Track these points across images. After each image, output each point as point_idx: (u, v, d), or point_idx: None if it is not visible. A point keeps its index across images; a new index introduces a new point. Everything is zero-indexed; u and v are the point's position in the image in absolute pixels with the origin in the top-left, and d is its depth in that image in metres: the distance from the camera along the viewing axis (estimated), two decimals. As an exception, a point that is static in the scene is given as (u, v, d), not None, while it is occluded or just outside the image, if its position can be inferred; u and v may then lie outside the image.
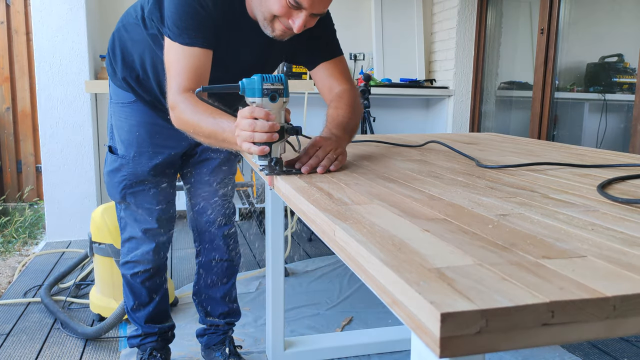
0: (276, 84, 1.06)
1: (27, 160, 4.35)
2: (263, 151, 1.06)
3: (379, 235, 0.66)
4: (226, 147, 1.19)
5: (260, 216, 3.74)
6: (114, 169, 1.62)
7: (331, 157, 1.15)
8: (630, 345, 2.17)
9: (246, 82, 1.07)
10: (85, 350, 2.08)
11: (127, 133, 1.59)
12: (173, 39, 1.28)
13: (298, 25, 1.23)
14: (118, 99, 1.60)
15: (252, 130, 1.04)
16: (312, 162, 1.13)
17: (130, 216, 1.67)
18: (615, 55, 3.17)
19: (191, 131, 1.23)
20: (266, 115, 1.04)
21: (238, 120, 1.07)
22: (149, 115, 1.58)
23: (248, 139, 1.06)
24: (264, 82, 1.05)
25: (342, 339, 2.12)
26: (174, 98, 1.26)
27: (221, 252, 1.82)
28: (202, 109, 1.20)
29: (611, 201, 0.88)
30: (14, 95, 4.29)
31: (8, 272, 2.99)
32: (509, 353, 2.01)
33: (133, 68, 1.53)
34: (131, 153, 1.59)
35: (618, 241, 0.65)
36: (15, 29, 4.22)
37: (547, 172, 1.17)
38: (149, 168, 1.60)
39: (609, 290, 0.49)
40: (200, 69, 1.28)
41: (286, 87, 1.07)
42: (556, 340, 0.47)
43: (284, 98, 1.07)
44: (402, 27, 4.38)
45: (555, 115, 3.44)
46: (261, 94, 1.06)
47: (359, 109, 1.42)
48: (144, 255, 1.69)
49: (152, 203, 1.64)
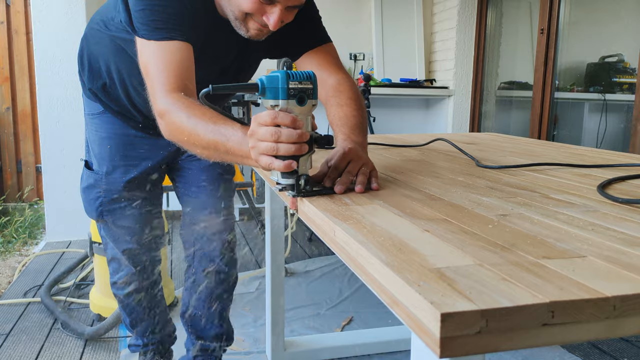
0: (304, 82, 0.86)
1: (27, 160, 4.35)
2: (290, 167, 0.85)
3: (379, 236, 0.66)
4: (230, 160, 0.98)
5: (260, 216, 3.74)
6: (89, 186, 1.51)
7: (365, 172, 0.96)
8: (630, 345, 2.17)
9: (267, 80, 0.86)
10: (85, 350, 2.08)
11: (99, 147, 1.48)
12: (146, 37, 1.10)
13: (274, 22, 1.08)
14: (88, 110, 1.50)
15: (276, 141, 0.83)
16: (345, 179, 0.94)
17: (109, 236, 1.55)
18: (615, 55, 3.17)
19: (185, 139, 1.01)
20: (293, 122, 0.83)
21: (253, 128, 0.86)
22: (119, 126, 1.45)
23: (269, 151, 0.84)
24: (290, 81, 0.85)
25: (342, 339, 2.12)
26: (161, 103, 1.05)
27: (217, 264, 1.64)
28: (199, 112, 0.99)
29: (611, 201, 0.88)
30: (14, 95, 4.29)
31: (8, 272, 2.99)
32: (509, 353, 2.01)
33: (100, 76, 1.42)
34: (104, 168, 1.47)
35: (618, 241, 0.65)
36: (15, 29, 4.22)
37: (547, 172, 1.17)
38: (122, 184, 1.47)
39: (609, 290, 0.49)
40: (184, 63, 1.09)
41: (315, 86, 0.87)
42: (556, 340, 0.47)
43: (313, 100, 0.87)
44: (402, 27, 4.38)
45: (555, 115, 3.44)
46: (286, 95, 0.85)
47: (362, 100, 1.24)
48: (130, 276, 1.58)
49: (130, 222, 1.51)
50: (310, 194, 0.89)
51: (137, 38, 1.12)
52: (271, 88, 0.86)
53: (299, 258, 3.19)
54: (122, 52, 1.31)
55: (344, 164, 0.97)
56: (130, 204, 1.50)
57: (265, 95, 0.87)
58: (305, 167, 0.89)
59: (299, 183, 0.89)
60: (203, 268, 1.64)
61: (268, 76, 0.87)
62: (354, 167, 0.96)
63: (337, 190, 0.91)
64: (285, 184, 0.90)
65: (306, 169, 0.89)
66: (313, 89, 0.87)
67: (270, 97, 0.86)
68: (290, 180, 0.89)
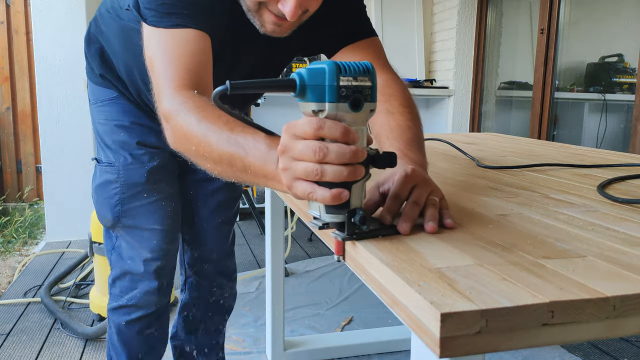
0: (361, 78, 0.61)
1: (27, 160, 4.35)
2: (339, 198, 0.59)
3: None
4: (249, 180, 0.73)
5: (260, 216, 3.74)
6: (103, 182, 1.27)
7: (435, 203, 0.70)
8: (630, 345, 2.17)
9: (307, 74, 0.61)
10: (85, 351, 2.08)
11: (111, 135, 1.26)
12: (155, 24, 0.90)
13: (290, 10, 0.87)
14: (97, 98, 1.30)
15: (320, 161, 0.59)
16: (411, 214, 0.67)
17: (127, 244, 1.29)
18: (615, 55, 3.17)
19: (193, 150, 0.79)
20: (345, 134, 0.59)
21: (287, 142, 0.62)
22: (135, 115, 1.26)
23: (310, 175, 0.59)
24: (341, 75, 0.60)
25: (342, 339, 2.12)
26: (167, 103, 0.84)
27: (217, 290, 1.50)
28: (213, 115, 0.77)
29: (611, 201, 0.88)
30: (14, 95, 4.29)
31: (8, 272, 2.99)
32: (509, 353, 2.01)
33: (111, 65, 1.25)
34: (120, 158, 1.25)
35: (618, 241, 0.65)
36: (15, 29, 4.22)
37: (547, 172, 1.17)
38: (145, 173, 1.25)
39: (609, 290, 0.49)
40: (198, 56, 0.89)
41: (375, 84, 0.62)
42: (556, 340, 0.47)
43: (371, 103, 0.62)
44: (402, 27, 4.38)
45: (555, 115, 3.44)
46: (336, 96, 0.60)
47: (416, 107, 1.01)
48: (146, 296, 1.30)
49: (155, 220, 1.27)
50: (366, 236, 0.64)
51: (143, 27, 0.93)
52: (314, 86, 0.60)
53: (299, 258, 3.19)
54: (134, 47, 1.08)
55: (406, 192, 0.70)
56: (156, 197, 1.26)
57: (305, 96, 0.61)
58: (360, 198, 0.63)
59: (351, 221, 0.63)
60: (202, 292, 1.51)
61: (310, 69, 0.61)
62: (421, 196, 0.70)
63: (402, 230, 0.65)
64: (330, 221, 0.64)
65: (361, 200, 0.64)
66: (372, 87, 0.61)
67: (313, 98, 0.61)
68: (339, 217, 0.63)
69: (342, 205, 0.61)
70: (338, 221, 0.64)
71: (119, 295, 1.32)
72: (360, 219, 0.62)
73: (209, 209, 1.43)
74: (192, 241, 1.46)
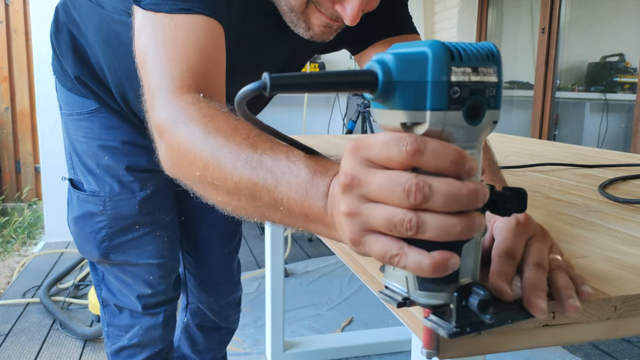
0: (484, 68, 0.39)
1: (26, 160, 4.35)
2: (445, 267, 0.35)
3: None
4: (282, 221, 0.50)
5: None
6: (85, 214, 1.04)
7: (562, 265, 0.48)
8: (631, 345, 2.16)
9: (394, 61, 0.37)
10: (84, 351, 2.07)
11: (94, 158, 1.03)
12: (152, 7, 0.67)
13: (352, 13, 0.69)
14: (71, 108, 1.04)
15: (417, 207, 0.35)
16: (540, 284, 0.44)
17: (117, 279, 1.09)
18: (617, 54, 3.17)
19: (197, 176, 0.56)
20: (458, 164, 0.36)
21: (355, 170, 0.38)
22: (122, 131, 1.02)
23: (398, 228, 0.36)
24: (454, 65, 0.36)
25: (342, 340, 2.12)
26: (162, 111, 0.62)
27: (222, 320, 1.37)
28: (227, 127, 0.55)
29: (612, 201, 0.87)
30: (13, 95, 4.29)
31: (7, 273, 2.99)
32: (510, 354, 2.00)
33: (89, 63, 1.00)
34: (106, 187, 1.02)
35: (619, 241, 0.64)
36: (15, 29, 4.22)
37: (548, 172, 1.17)
38: (137, 204, 1.03)
39: (610, 290, 0.48)
40: (208, 49, 0.66)
41: (501, 78, 0.42)
42: (557, 341, 0.47)
43: (494, 111, 0.42)
44: (403, 27, 4.37)
45: (557, 115, 3.43)
46: (446, 99, 0.36)
47: None
48: (149, 332, 1.11)
49: (150, 254, 1.07)
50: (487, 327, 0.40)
51: (136, 13, 0.69)
52: (407, 83, 0.37)
53: (299, 258, 3.18)
54: (122, 47, 0.89)
55: (521, 248, 0.47)
56: (150, 228, 1.06)
57: (391, 99, 0.37)
58: (474, 267, 0.39)
59: (462, 304, 0.37)
60: (205, 320, 1.38)
61: (399, 54, 0.37)
62: (543, 256, 0.47)
63: (539, 313, 0.41)
64: (426, 302, 0.39)
65: (476, 270, 0.40)
66: (497, 85, 0.41)
67: (404, 103, 0.37)
68: (441, 296, 0.38)
69: (447, 277, 0.37)
70: (437, 303, 0.39)
71: (118, 335, 1.13)
72: (480, 304, 0.37)
73: (212, 239, 1.26)
74: (196, 272, 1.31)
